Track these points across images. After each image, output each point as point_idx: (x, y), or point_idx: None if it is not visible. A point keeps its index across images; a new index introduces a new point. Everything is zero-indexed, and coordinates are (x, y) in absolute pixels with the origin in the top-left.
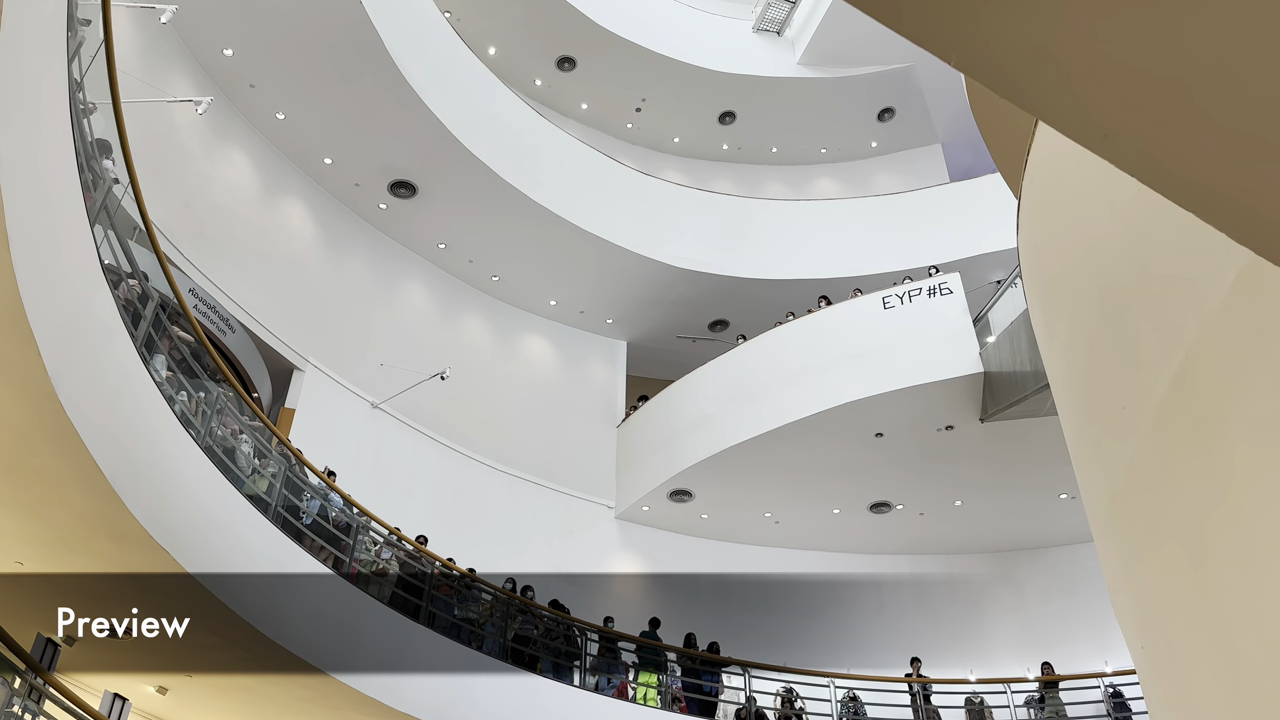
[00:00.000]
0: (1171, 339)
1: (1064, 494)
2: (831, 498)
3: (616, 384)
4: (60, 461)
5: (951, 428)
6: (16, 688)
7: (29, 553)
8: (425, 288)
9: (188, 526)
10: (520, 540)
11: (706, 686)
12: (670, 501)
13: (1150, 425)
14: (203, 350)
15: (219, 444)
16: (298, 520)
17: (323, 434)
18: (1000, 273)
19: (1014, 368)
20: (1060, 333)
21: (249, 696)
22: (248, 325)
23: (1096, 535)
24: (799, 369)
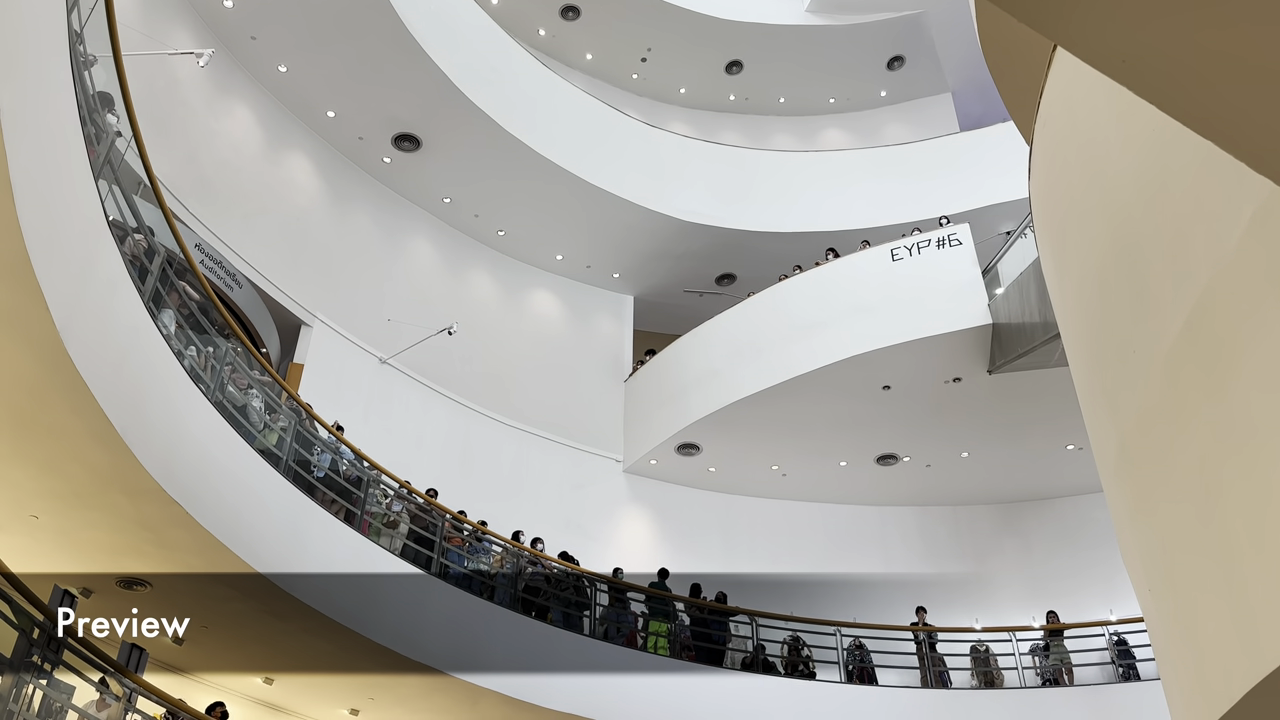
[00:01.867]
0: (1184, 281)
1: (1071, 445)
2: (838, 450)
3: (623, 338)
4: (71, 416)
5: (959, 380)
6: (35, 638)
7: (44, 506)
8: (431, 243)
9: (199, 480)
10: (529, 494)
11: (714, 635)
12: (678, 455)
13: (1161, 369)
14: (210, 306)
15: (229, 399)
16: (309, 474)
17: (331, 389)
18: (1010, 224)
19: (1023, 319)
20: (1071, 278)
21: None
22: (254, 281)
23: (1105, 481)
24: (806, 322)
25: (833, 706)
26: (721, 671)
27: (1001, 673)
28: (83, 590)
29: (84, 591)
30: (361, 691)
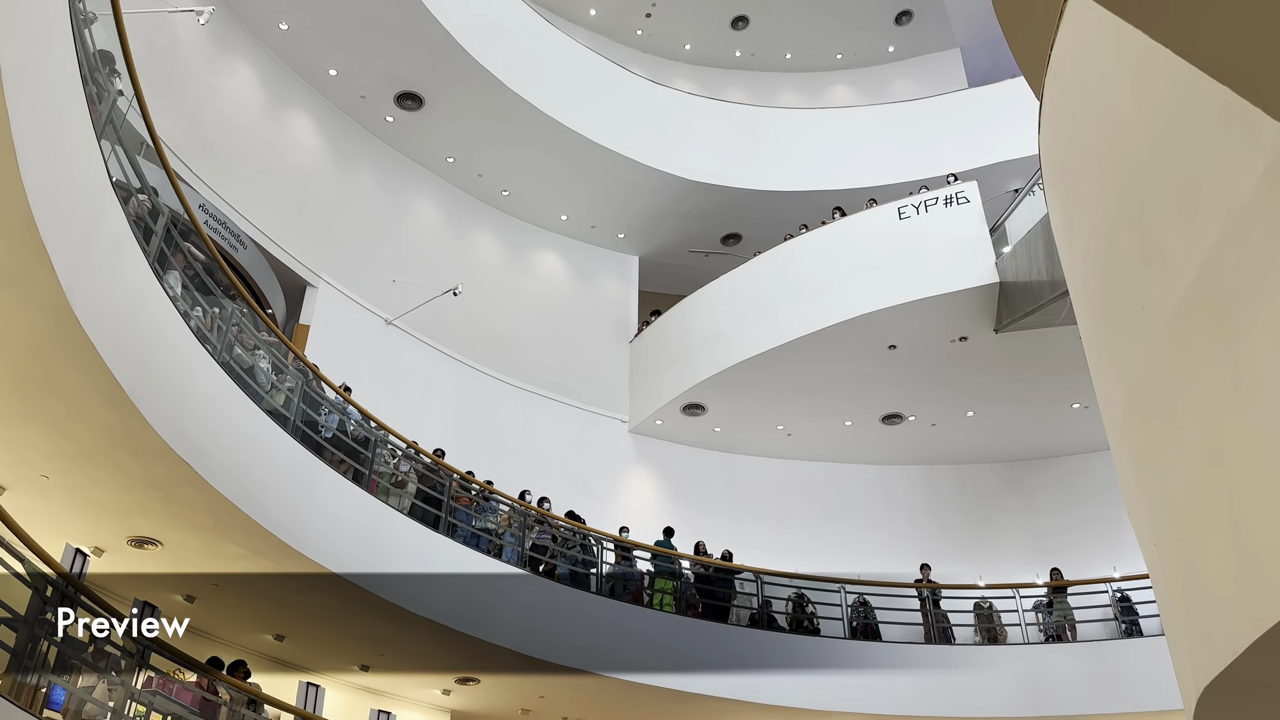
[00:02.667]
0: (1195, 234)
1: (1077, 403)
2: (843, 410)
3: (629, 299)
4: (79, 376)
5: (965, 339)
6: (49, 596)
7: (53, 466)
8: (435, 203)
9: (208, 440)
10: (535, 454)
11: (720, 592)
12: (683, 415)
13: (1170, 323)
14: (215, 266)
15: (236, 360)
16: (317, 434)
17: (338, 350)
18: (1018, 181)
19: (1030, 277)
20: (1080, 233)
21: (276, 605)
22: (259, 242)
23: (1111, 436)
24: (812, 282)
25: (837, 660)
26: (727, 628)
27: (1005, 629)
28: (95, 549)
29: (96, 550)
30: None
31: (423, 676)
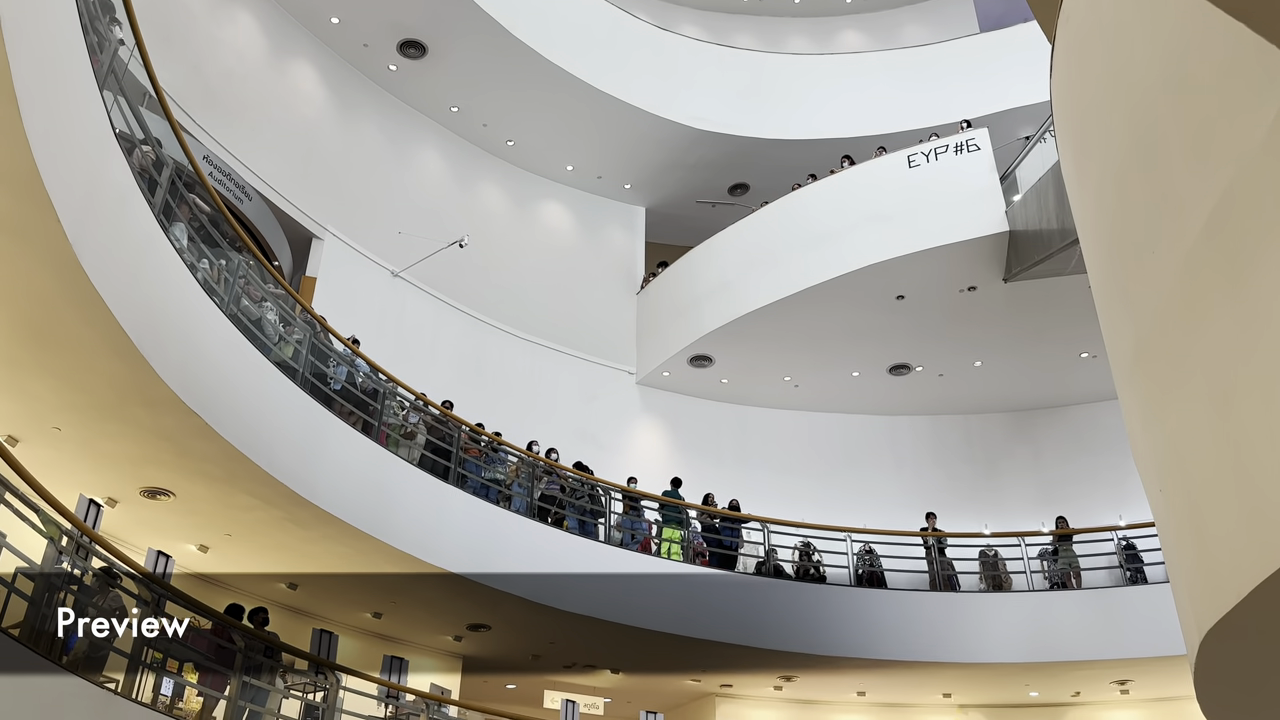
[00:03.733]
0: (1208, 178)
1: (1085, 353)
2: (851, 361)
3: (636, 250)
4: (87, 328)
5: (974, 288)
6: (64, 545)
7: (65, 418)
8: (440, 154)
9: (217, 391)
10: (543, 406)
11: (727, 541)
12: (690, 367)
13: (1180, 268)
14: (221, 218)
15: (244, 312)
16: (326, 386)
17: (344, 302)
18: (1029, 128)
19: (1040, 225)
20: (1091, 178)
21: (288, 554)
22: (264, 193)
23: (1119, 383)
24: (820, 232)
25: (842, 608)
26: (734, 576)
27: (1009, 576)
28: (108, 500)
29: (109, 501)
30: (384, 595)
31: (434, 623)
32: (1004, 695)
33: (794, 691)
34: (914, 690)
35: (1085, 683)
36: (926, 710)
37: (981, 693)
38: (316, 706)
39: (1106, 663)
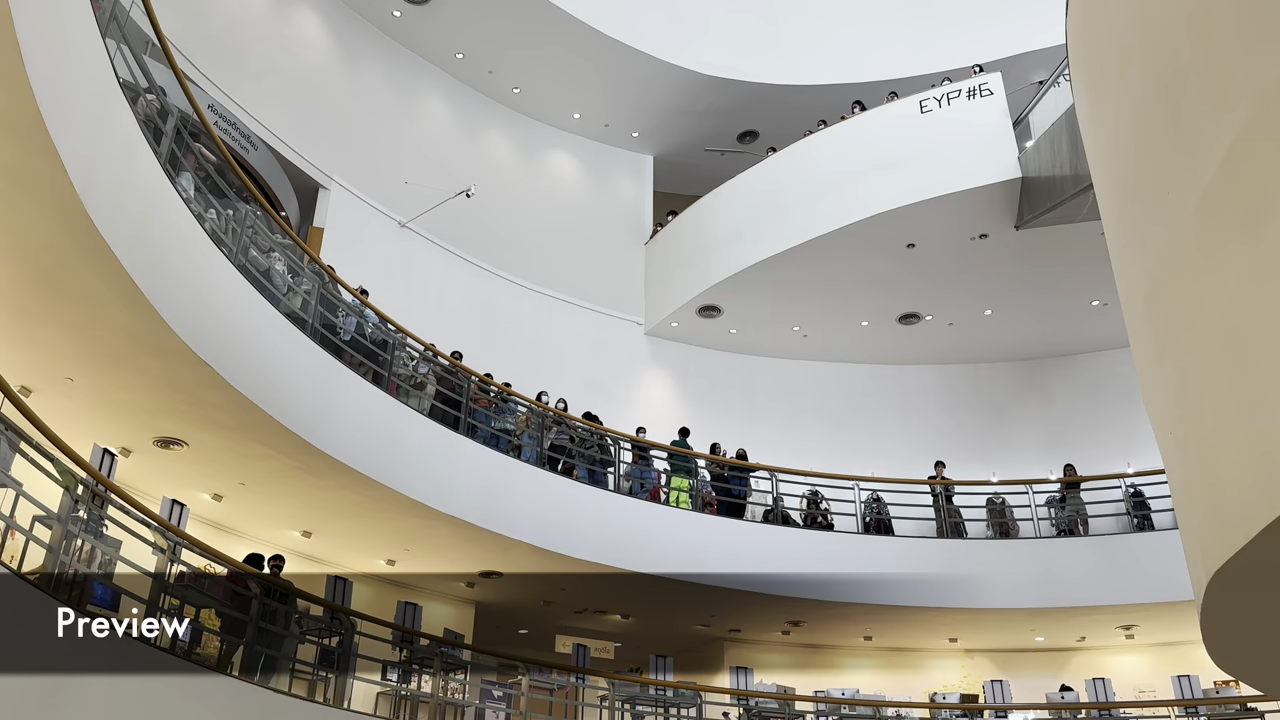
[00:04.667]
0: (1225, 117)
1: (1096, 300)
2: (860, 310)
3: (644, 200)
4: (97, 279)
5: (985, 236)
6: (80, 494)
7: (77, 369)
8: (445, 102)
9: (228, 342)
10: (551, 357)
11: (735, 490)
12: (699, 317)
13: (1195, 209)
14: (227, 168)
15: (252, 263)
16: (335, 337)
17: (352, 253)
18: (1043, 72)
19: (1053, 171)
20: (1107, 120)
21: (301, 503)
22: (269, 143)
23: (1131, 326)
24: (830, 179)
25: (849, 555)
26: (742, 523)
27: (1017, 524)
28: (122, 449)
29: (123, 451)
30: (397, 543)
31: (447, 570)
32: (1009, 640)
33: (801, 636)
34: (920, 635)
35: (1090, 628)
36: (932, 655)
37: (987, 638)
38: (332, 651)
39: (1112, 608)
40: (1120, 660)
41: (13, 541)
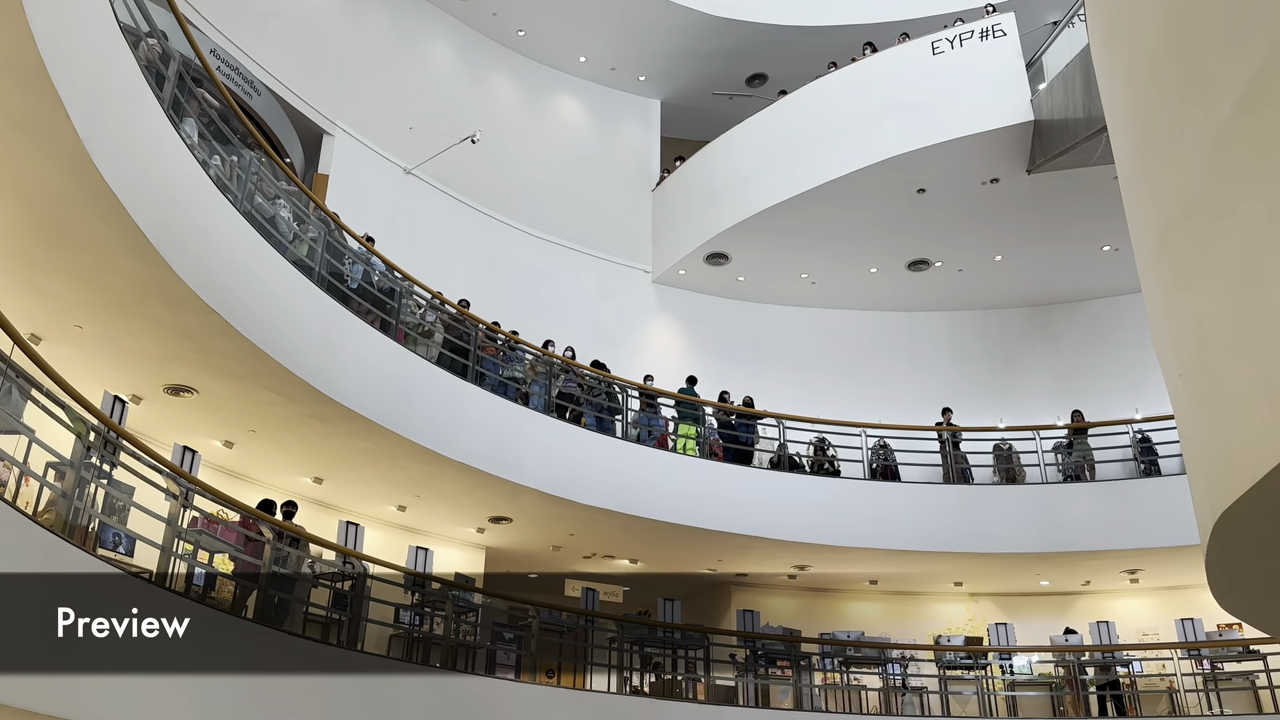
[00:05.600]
0: (1243, 53)
1: (1107, 245)
2: (869, 257)
3: (651, 146)
4: (103, 226)
5: (997, 181)
6: (92, 441)
7: (86, 317)
8: (449, 45)
9: (235, 289)
10: (558, 305)
11: (742, 438)
12: (707, 265)
13: (1211, 148)
14: (231, 113)
15: (258, 210)
16: (342, 285)
17: (357, 200)
18: (1057, 13)
19: (1066, 114)
20: (1122, 59)
21: (311, 450)
22: (272, 88)
23: (1142, 268)
24: (840, 123)
25: (855, 500)
26: (749, 470)
27: (1023, 470)
28: (133, 397)
29: (134, 398)
30: (407, 489)
31: (457, 516)
32: (1014, 584)
33: (808, 580)
34: (925, 579)
35: (1095, 572)
36: (937, 598)
37: (992, 581)
38: (345, 595)
39: (1117, 553)
40: (1124, 604)
41: (27, 488)
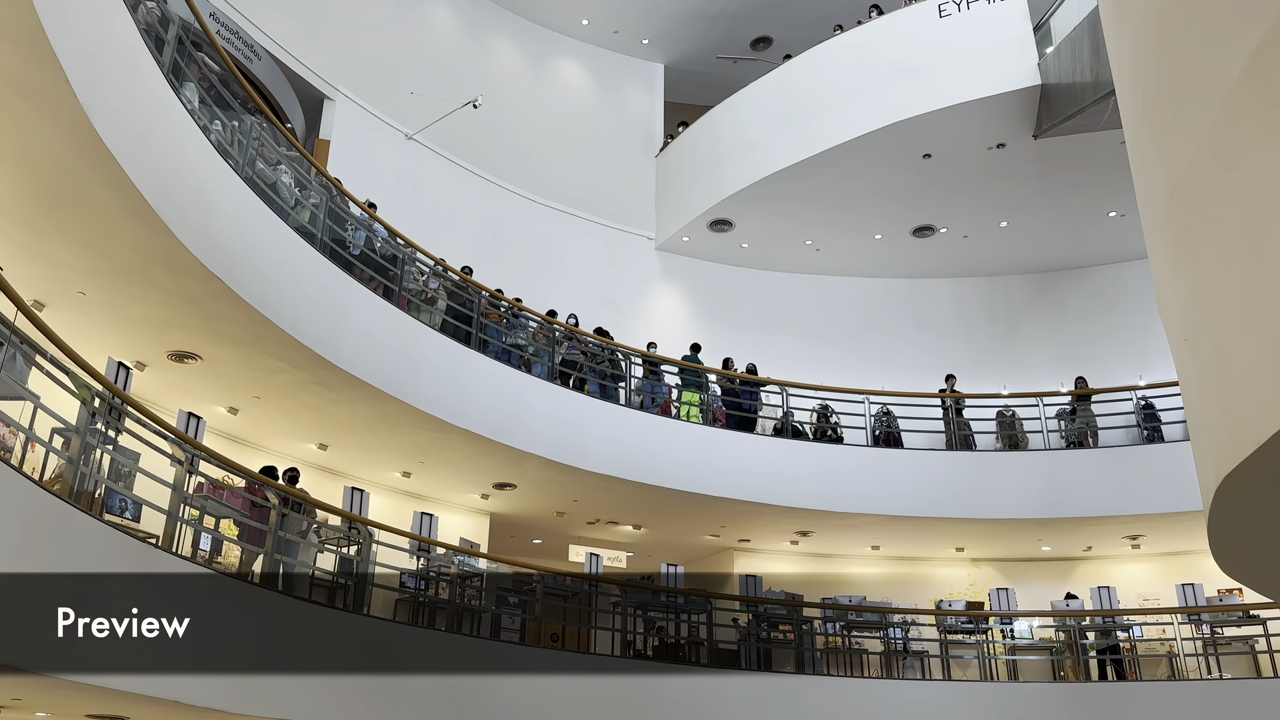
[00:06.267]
0: (1253, 14)
1: (1113, 211)
2: (874, 223)
3: (654, 110)
4: (106, 192)
5: (1003, 146)
6: (97, 407)
7: (89, 283)
8: (450, 8)
9: (238, 255)
10: (562, 272)
11: (746, 404)
12: (710, 231)
13: (1219, 110)
14: (231, 78)
15: (259, 175)
16: (345, 251)
17: (359, 166)
18: None
19: (1074, 78)
20: (1131, 21)
21: (316, 416)
22: (273, 52)
23: (1148, 232)
24: (846, 87)
25: (858, 467)
26: (752, 437)
27: (1026, 436)
28: (136, 363)
29: (138, 364)
30: (412, 455)
31: (461, 483)
32: (1016, 549)
33: (810, 546)
34: (927, 544)
35: (1097, 538)
36: (939, 564)
37: (994, 547)
38: (351, 560)
39: (1119, 518)
40: (1126, 569)
41: (33, 454)
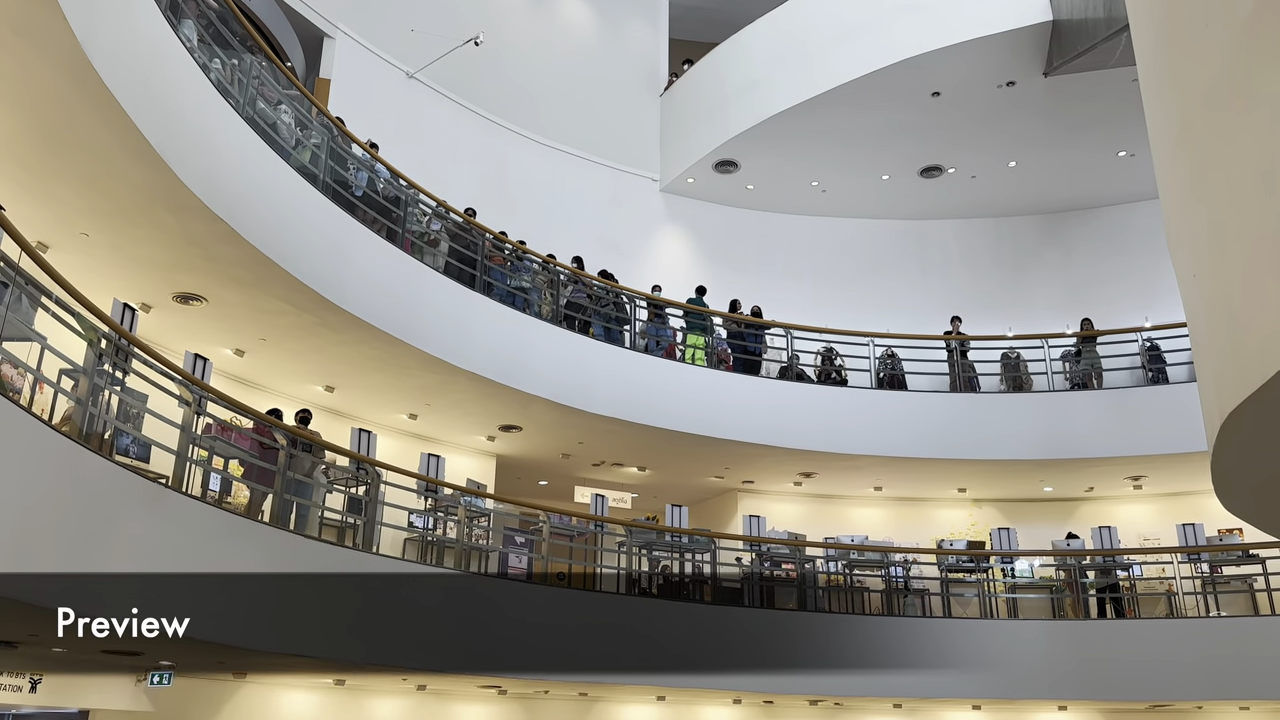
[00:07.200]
0: None
1: (1123, 151)
2: (881, 163)
3: (659, 48)
4: (105, 131)
5: (1013, 84)
6: (104, 348)
7: (93, 224)
8: None
9: (241, 196)
10: (565, 214)
11: (750, 347)
12: (715, 172)
13: (1235, 41)
14: (230, 15)
15: (260, 115)
16: (348, 193)
17: (360, 105)
18: None
19: (1086, 14)
20: None
21: (322, 358)
22: None
23: (1159, 167)
24: (854, 24)
25: (862, 409)
26: (756, 379)
27: (1031, 378)
28: (142, 305)
29: (143, 306)
30: (418, 398)
31: (468, 425)
32: (1018, 490)
33: (813, 487)
34: (929, 485)
35: (1099, 479)
36: (941, 504)
37: (996, 488)
38: (359, 500)
39: (1122, 459)
40: (1127, 510)
41: (41, 395)
